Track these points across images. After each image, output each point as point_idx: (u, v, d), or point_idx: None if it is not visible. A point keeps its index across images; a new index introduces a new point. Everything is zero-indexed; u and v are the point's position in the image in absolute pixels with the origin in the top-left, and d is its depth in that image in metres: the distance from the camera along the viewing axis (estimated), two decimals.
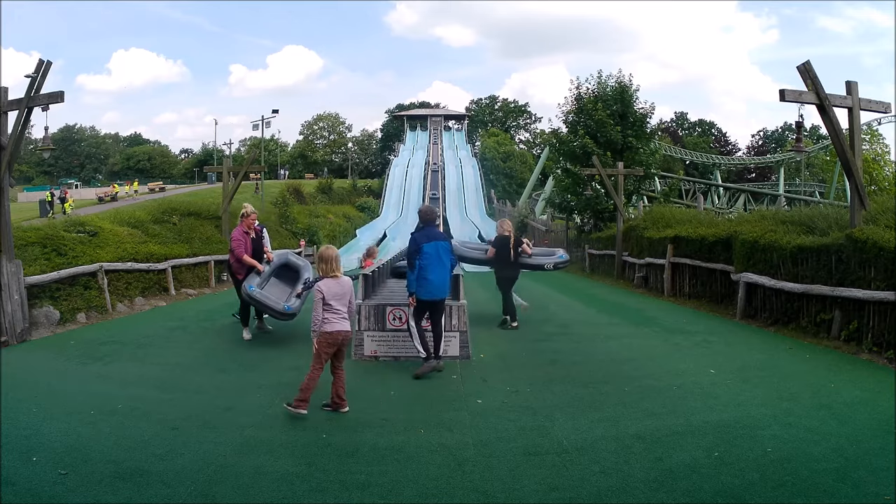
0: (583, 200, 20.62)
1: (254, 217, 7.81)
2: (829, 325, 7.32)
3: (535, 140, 72.45)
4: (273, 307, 7.19)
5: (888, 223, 7.18)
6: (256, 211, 8.03)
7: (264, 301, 7.19)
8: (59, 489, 3.32)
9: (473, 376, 5.92)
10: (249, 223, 7.74)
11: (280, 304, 7.20)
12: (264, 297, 7.21)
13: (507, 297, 8.66)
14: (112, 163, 77.62)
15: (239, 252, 7.56)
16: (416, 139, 59.00)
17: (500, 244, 8.75)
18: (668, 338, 7.86)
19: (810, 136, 57.31)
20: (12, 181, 8.21)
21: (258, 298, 7.19)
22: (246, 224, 7.72)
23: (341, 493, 3.34)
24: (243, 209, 7.87)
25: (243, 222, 7.70)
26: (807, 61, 7.48)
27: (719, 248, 10.42)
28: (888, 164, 47.84)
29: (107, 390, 5.36)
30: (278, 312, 7.19)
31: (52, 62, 7.76)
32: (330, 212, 33.86)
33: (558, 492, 3.37)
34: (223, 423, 4.50)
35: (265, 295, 7.24)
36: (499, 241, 8.83)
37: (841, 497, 3.22)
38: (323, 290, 4.65)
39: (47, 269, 8.77)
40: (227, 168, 17.45)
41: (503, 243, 8.73)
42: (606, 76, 21.22)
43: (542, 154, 42.17)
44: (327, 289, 4.67)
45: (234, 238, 7.63)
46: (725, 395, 5.11)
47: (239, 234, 7.63)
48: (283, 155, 72.30)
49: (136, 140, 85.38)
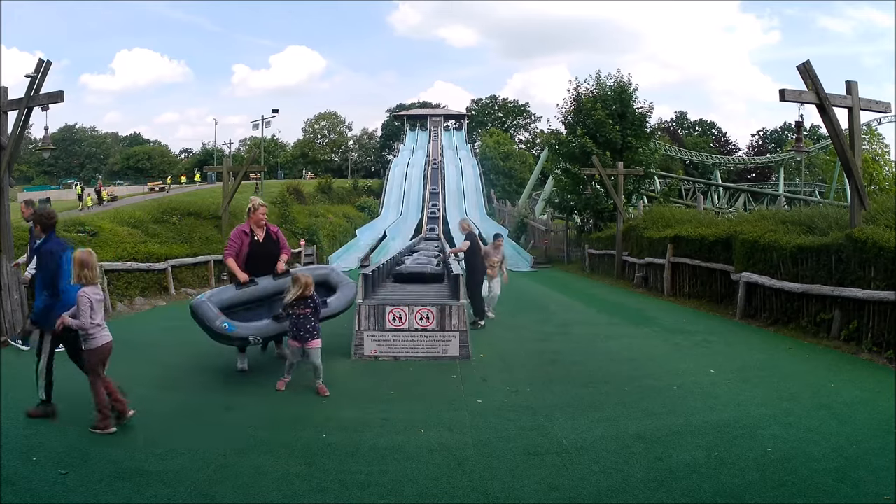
0: (582, 200, 20.64)
1: (262, 212, 6.32)
2: (829, 324, 7.32)
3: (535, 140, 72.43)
4: (209, 324, 5.38)
5: (888, 223, 7.18)
6: (266, 204, 6.49)
7: (203, 313, 5.43)
8: (59, 489, 3.32)
9: (473, 376, 5.92)
10: (257, 219, 6.27)
11: (217, 319, 5.37)
12: (204, 307, 5.48)
13: (476, 297, 8.76)
14: (112, 162, 77.58)
15: (226, 254, 6.20)
16: (416, 139, 58.94)
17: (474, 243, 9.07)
18: (668, 338, 7.86)
19: (810, 136, 57.29)
20: (12, 181, 8.21)
21: (196, 308, 5.51)
22: (253, 221, 6.26)
23: (341, 493, 3.34)
24: (250, 203, 6.39)
25: (250, 218, 6.29)
26: (807, 61, 7.49)
27: (719, 247, 10.43)
28: (888, 164, 47.84)
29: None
30: (213, 331, 5.40)
31: (52, 62, 7.78)
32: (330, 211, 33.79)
33: (558, 492, 3.36)
34: (223, 423, 4.50)
35: (207, 305, 5.51)
36: (471, 236, 9.15)
37: (841, 497, 3.22)
38: (92, 299, 4.20)
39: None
40: (227, 168, 17.46)
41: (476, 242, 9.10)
42: (605, 76, 21.28)
43: (542, 154, 42.14)
44: (95, 297, 4.23)
45: (230, 236, 6.33)
46: (725, 395, 5.11)
47: (236, 234, 6.25)
48: (284, 155, 72.28)
49: (135, 140, 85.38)
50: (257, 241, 6.25)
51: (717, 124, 79.18)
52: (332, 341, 5.53)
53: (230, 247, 6.16)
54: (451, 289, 8.44)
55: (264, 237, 6.31)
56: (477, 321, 8.52)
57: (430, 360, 6.48)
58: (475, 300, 8.66)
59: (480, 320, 8.61)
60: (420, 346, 6.59)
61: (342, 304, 6.33)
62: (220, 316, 5.42)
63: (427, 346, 6.58)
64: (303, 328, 5.24)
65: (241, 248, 6.15)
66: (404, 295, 7.98)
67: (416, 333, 6.60)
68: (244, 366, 6.06)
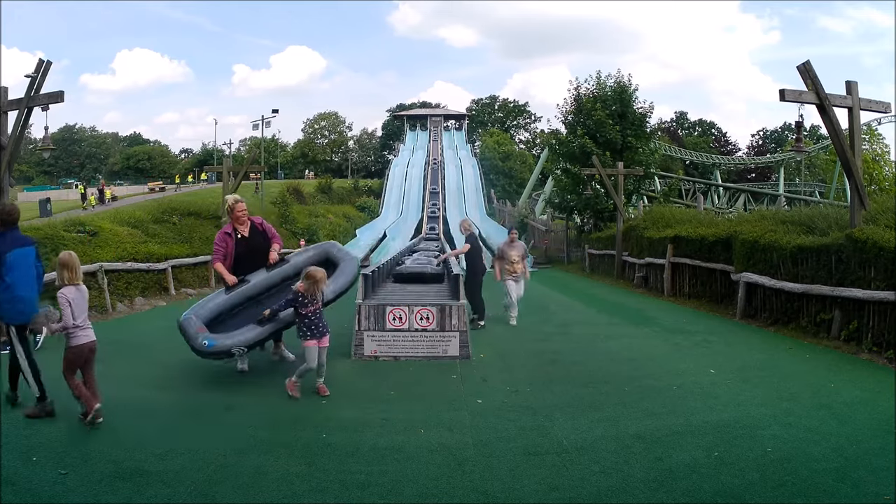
0: (582, 200, 20.63)
1: (241, 209, 6.10)
2: (829, 325, 7.32)
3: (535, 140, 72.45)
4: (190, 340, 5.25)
5: (888, 223, 7.18)
6: (243, 200, 6.29)
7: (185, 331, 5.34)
8: (59, 489, 3.32)
9: (473, 376, 5.92)
10: (237, 218, 6.08)
11: (197, 337, 5.21)
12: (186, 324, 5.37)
13: (476, 297, 8.73)
14: (112, 162, 77.60)
15: (213, 259, 6.08)
16: (416, 139, 58.97)
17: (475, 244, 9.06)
18: (668, 338, 7.87)
19: (810, 136, 57.27)
20: (12, 181, 8.21)
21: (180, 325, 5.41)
22: (234, 219, 6.07)
23: (341, 493, 3.34)
24: (226, 203, 6.20)
25: (231, 218, 6.14)
26: (807, 61, 7.48)
27: (719, 247, 10.43)
28: (888, 164, 47.84)
29: (107, 390, 5.34)
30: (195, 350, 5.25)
31: (51, 62, 7.78)
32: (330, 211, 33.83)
33: (558, 492, 3.37)
34: (223, 423, 4.50)
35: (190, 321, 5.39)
36: (472, 238, 9.13)
37: (841, 497, 3.22)
38: (70, 299, 4.30)
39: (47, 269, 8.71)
40: (227, 168, 17.46)
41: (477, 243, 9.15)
42: (605, 76, 21.27)
43: (542, 154, 42.15)
44: (74, 297, 4.32)
45: (214, 241, 6.16)
46: (725, 395, 5.11)
47: (219, 238, 6.04)
48: (284, 155, 72.28)
49: (135, 140, 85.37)
50: (242, 238, 6.12)
51: (717, 124, 79.17)
52: (333, 341, 5.52)
53: (216, 251, 6.05)
54: (451, 289, 8.44)
55: (249, 232, 6.16)
56: (476, 321, 8.51)
57: (430, 360, 6.48)
58: (475, 300, 8.66)
59: (480, 320, 8.61)
60: (420, 346, 6.59)
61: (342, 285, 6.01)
62: (201, 332, 5.28)
63: (427, 347, 6.58)
64: (317, 325, 5.13)
65: (227, 251, 6.01)
66: (404, 295, 7.98)
67: (416, 333, 6.60)
68: (244, 366, 6.02)
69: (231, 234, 6.08)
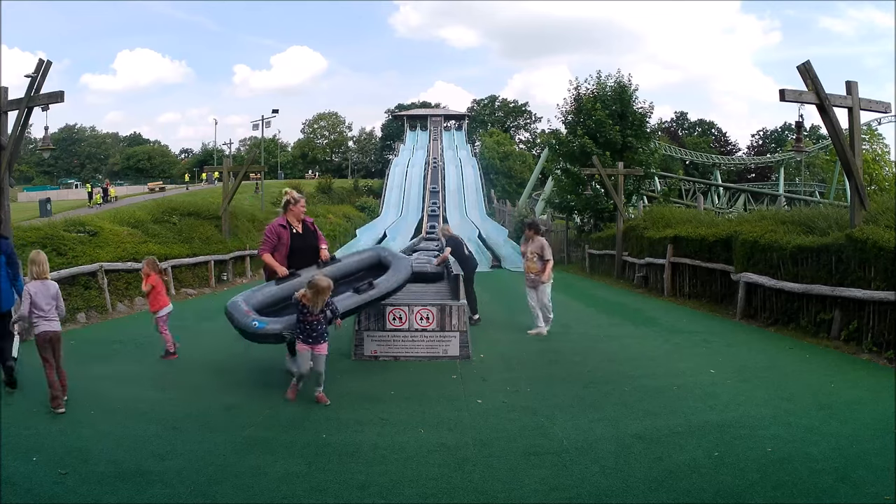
0: (583, 200, 20.61)
1: (303, 205, 6.04)
2: (829, 325, 7.32)
3: (535, 140, 72.47)
4: (238, 320, 5.22)
5: (888, 223, 7.18)
6: (304, 196, 6.21)
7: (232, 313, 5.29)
8: (59, 489, 3.32)
9: (473, 376, 5.91)
10: (297, 213, 5.96)
11: (248, 317, 5.19)
12: (234, 307, 5.33)
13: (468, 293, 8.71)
14: (112, 163, 77.61)
15: (262, 249, 5.89)
16: (416, 139, 59.00)
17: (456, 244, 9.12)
18: (668, 338, 7.86)
19: (810, 136, 57.25)
20: (12, 181, 8.22)
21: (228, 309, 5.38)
22: (294, 214, 5.95)
23: (341, 493, 3.34)
24: (286, 195, 6.02)
25: (289, 212, 5.96)
26: (807, 61, 7.48)
27: (719, 247, 10.43)
28: (888, 164, 47.83)
29: (107, 390, 5.36)
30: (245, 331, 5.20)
31: (52, 62, 7.78)
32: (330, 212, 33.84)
33: (558, 492, 3.36)
34: (223, 423, 4.50)
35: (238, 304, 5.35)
36: (451, 241, 9.22)
37: (841, 497, 3.22)
38: (31, 293, 4.80)
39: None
40: (227, 168, 17.46)
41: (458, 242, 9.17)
42: (606, 76, 21.26)
43: (542, 154, 42.17)
44: (35, 291, 4.81)
45: (265, 231, 6.02)
46: (725, 395, 5.10)
47: (271, 228, 5.91)
48: (284, 155, 72.28)
49: (135, 140, 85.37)
50: (297, 234, 5.96)
51: (717, 124, 79.28)
52: (332, 341, 5.50)
53: (266, 242, 5.85)
54: (451, 289, 8.44)
55: (303, 230, 6.04)
56: (471, 316, 8.50)
57: (430, 361, 6.48)
58: (468, 297, 8.66)
59: (474, 314, 8.61)
60: (420, 346, 6.59)
61: (391, 285, 5.94)
62: (251, 314, 5.22)
63: (427, 346, 6.58)
64: (314, 330, 4.96)
65: (278, 243, 5.84)
66: (404, 295, 7.96)
67: (416, 333, 6.60)
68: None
69: (286, 226, 5.92)
